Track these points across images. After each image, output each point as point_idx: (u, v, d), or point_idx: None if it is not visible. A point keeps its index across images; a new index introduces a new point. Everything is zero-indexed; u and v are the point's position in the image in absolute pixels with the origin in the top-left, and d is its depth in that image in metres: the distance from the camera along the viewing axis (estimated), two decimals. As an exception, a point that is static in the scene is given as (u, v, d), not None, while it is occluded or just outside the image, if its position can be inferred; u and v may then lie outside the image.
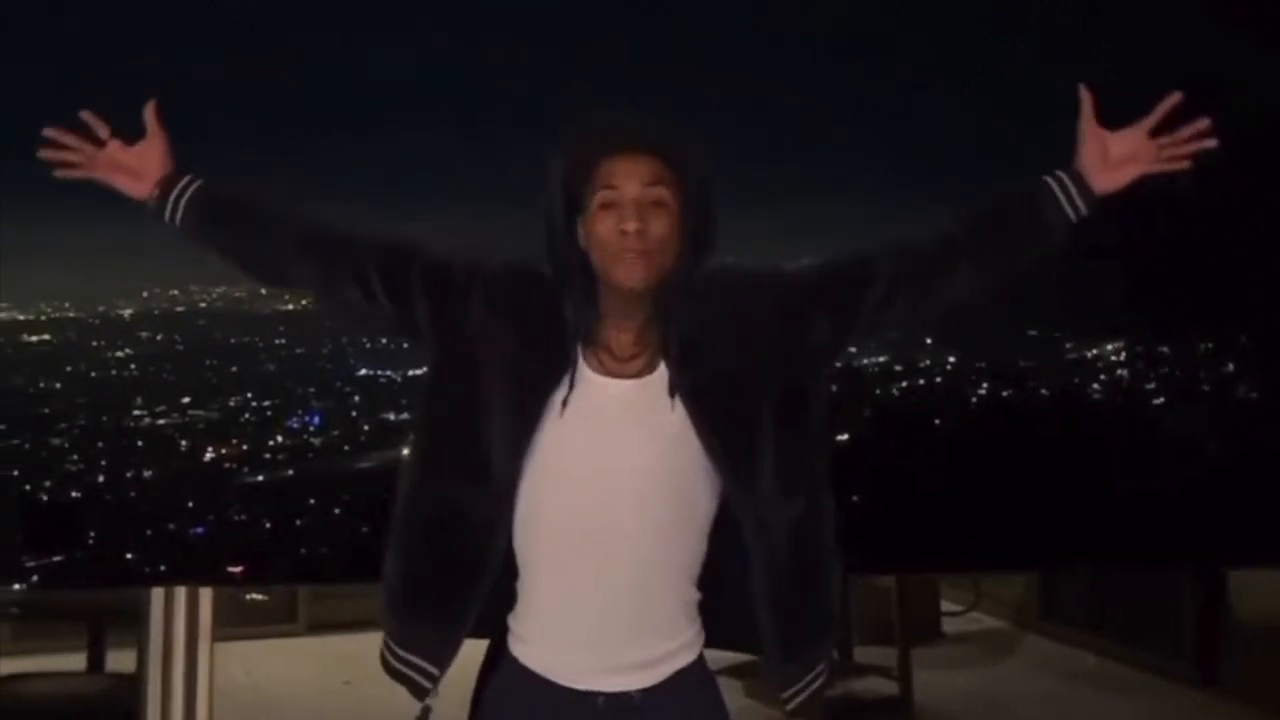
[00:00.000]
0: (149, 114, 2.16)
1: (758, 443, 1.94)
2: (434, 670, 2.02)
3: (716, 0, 4.27)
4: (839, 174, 4.40)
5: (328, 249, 2.10)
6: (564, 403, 1.92)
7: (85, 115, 2.16)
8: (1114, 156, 2.05)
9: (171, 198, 2.12)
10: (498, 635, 2.03)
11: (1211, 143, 2.04)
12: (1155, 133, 2.06)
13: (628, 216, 1.90)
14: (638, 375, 1.96)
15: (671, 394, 1.93)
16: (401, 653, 2.05)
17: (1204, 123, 2.04)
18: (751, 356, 1.96)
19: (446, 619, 2.00)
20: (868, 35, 4.22)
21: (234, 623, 5.40)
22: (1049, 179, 2.07)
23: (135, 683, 3.98)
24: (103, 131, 2.15)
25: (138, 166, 2.14)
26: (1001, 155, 3.90)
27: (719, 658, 2.08)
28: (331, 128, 4.12)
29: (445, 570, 1.99)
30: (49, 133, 2.15)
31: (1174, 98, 2.06)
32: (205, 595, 3.91)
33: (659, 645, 1.97)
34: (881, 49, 4.23)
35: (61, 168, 2.14)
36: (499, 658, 2.03)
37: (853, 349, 2.25)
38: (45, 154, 2.15)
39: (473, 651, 2.05)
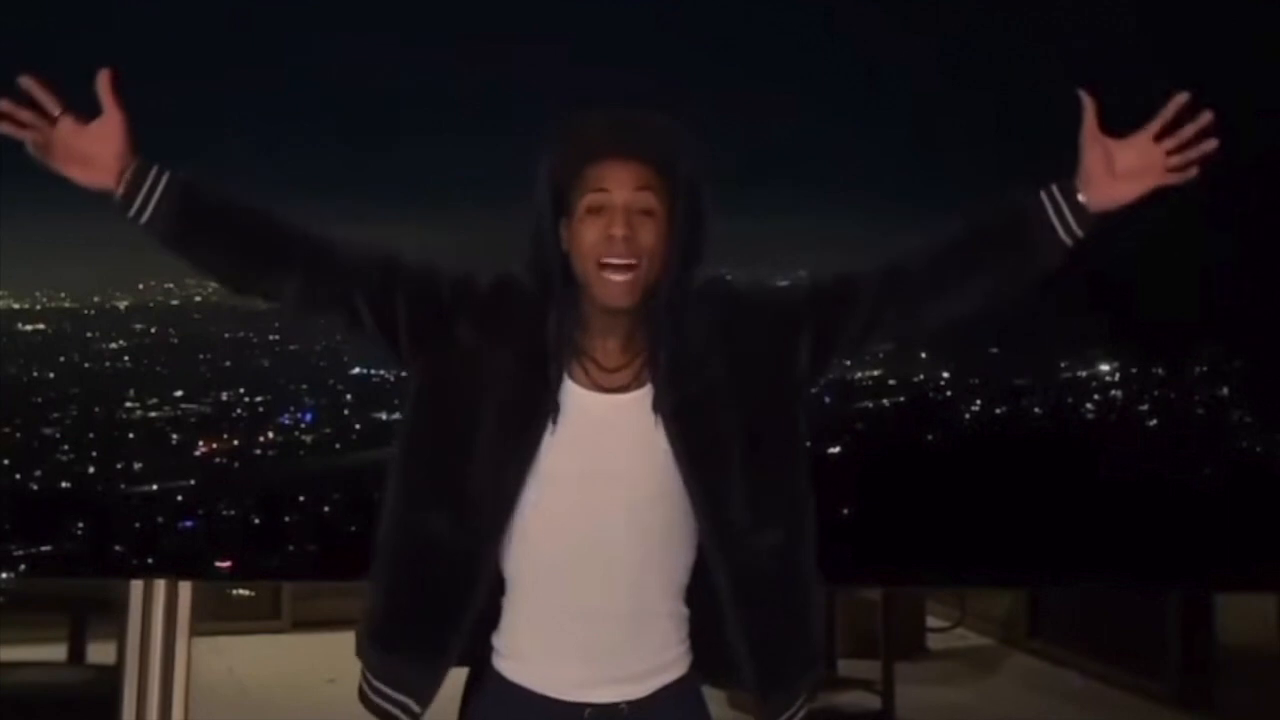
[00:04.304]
0: (103, 87, 1.85)
1: (733, 467, 1.90)
2: (416, 707, 1.96)
3: (718, 8, 4.27)
4: (837, 186, 4.39)
5: (313, 273, 1.95)
6: (552, 421, 1.88)
7: (28, 83, 1.82)
8: (1121, 168, 1.87)
9: (140, 195, 1.86)
10: (480, 655, 1.98)
11: (1212, 143, 1.85)
12: (1159, 137, 1.88)
13: (616, 222, 1.84)
14: (626, 388, 1.91)
15: (655, 411, 1.89)
16: (382, 687, 1.98)
17: (1207, 117, 1.85)
18: (736, 379, 1.91)
19: (429, 653, 1.94)
20: (869, 41, 4.21)
21: (218, 618, 5.38)
22: (1043, 195, 1.91)
23: (114, 674, 3.96)
24: (54, 108, 1.82)
25: (92, 151, 1.84)
26: (1006, 166, 3.89)
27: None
28: (332, 128, 4.12)
29: (428, 604, 1.93)
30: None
31: (1180, 98, 1.87)
32: (184, 588, 3.88)
33: (649, 658, 1.94)
34: (884, 57, 4.22)
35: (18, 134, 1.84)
36: (483, 676, 1.98)
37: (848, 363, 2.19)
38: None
39: (454, 676, 2.00)
